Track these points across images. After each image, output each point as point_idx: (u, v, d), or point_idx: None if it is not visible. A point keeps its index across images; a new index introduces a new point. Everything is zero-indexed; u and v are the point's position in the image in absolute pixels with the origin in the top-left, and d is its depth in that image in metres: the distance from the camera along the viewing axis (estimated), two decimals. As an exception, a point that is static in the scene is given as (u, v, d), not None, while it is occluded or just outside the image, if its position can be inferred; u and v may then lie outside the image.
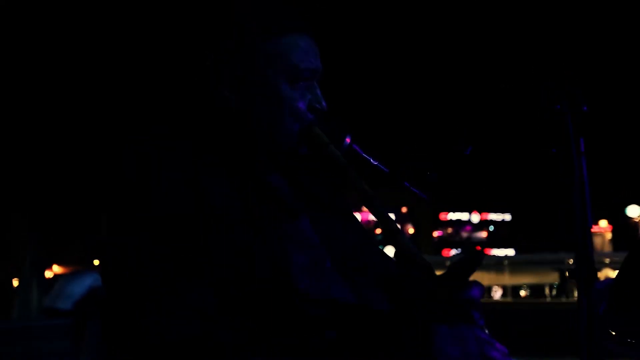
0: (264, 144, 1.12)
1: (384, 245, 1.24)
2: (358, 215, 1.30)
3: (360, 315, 0.99)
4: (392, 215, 1.03)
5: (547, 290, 12.80)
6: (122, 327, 0.92)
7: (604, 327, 1.95)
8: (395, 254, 0.99)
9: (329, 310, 0.97)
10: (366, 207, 1.08)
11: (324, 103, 1.14)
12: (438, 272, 0.97)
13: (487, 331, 0.86)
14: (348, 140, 1.16)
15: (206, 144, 1.09)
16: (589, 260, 0.83)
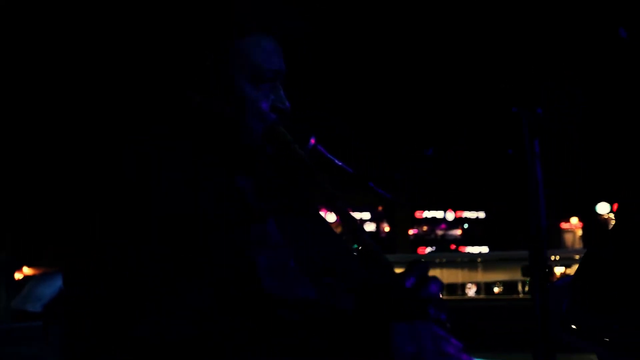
0: (229, 144, 1.13)
1: (349, 245, 1.25)
2: (325, 215, 1.31)
3: (323, 314, 1.00)
4: (367, 214, 1.04)
5: (520, 287, 13.03)
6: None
7: (567, 323, 2.00)
8: (358, 252, 1.00)
9: (293, 310, 0.98)
10: (329, 207, 1.09)
11: (287, 103, 1.15)
12: (398, 270, 0.99)
13: (448, 326, 0.87)
14: (313, 141, 1.17)
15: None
16: (542, 258, 0.85)
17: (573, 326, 1.97)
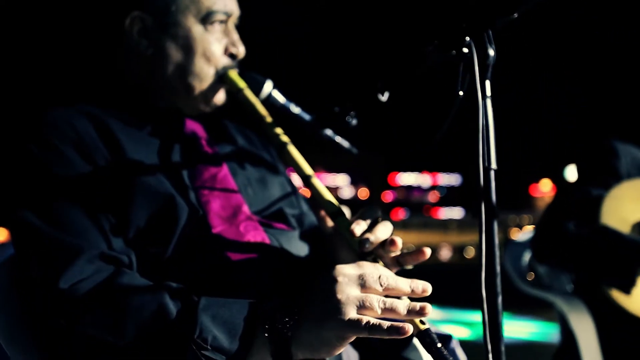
0: (178, 90, 1.09)
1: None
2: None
3: (275, 258, 0.99)
4: (345, 179, 1.02)
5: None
6: (35, 278, 0.90)
7: (526, 275, 2.06)
8: (310, 198, 0.99)
9: (242, 253, 0.97)
10: (280, 154, 1.07)
11: (241, 47, 1.11)
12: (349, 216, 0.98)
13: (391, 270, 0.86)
14: (268, 86, 1.13)
15: (119, 96, 1.07)
16: (491, 200, 0.84)
17: (531, 278, 2.03)
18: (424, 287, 0.80)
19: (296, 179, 1.18)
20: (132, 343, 0.81)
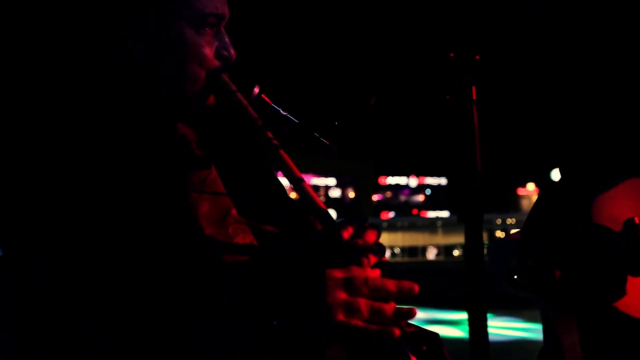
0: (170, 93, 1.10)
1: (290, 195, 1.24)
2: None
3: (263, 260, 1.00)
4: (332, 180, 1.03)
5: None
6: (22, 282, 0.90)
7: (512, 277, 2.08)
8: (298, 202, 1.00)
9: (232, 255, 0.98)
10: (270, 158, 1.08)
11: (232, 50, 1.12)
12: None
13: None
14: (257, 89, 1.14)
15: (110, 99, 1.07)
16: (478, 203, 0.87)
17: (516, 279, 2.05)
18: (411, 285, 0.81)
19: (285, 183, 1.20)
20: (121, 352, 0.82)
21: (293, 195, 1.15)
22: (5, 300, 1.01)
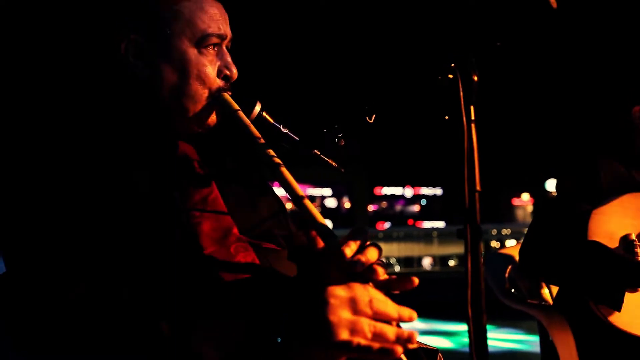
0: (172, 112, 1.11)
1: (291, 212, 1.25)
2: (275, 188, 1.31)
3: (263, 279, 1.01)
4: (328, 191, 1.03)
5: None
6: (27, 296, 0.90)
7: (508, 288, 2.10)
8: (300, 219, 1.01)
9: (234, 273, 0.99)
10: (272, 175, 1.09)
11: (234, 70, 1.14)
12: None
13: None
14: (258, 107, 1.16)
15: (111, 117, 1.08)
16: (475, 222, 0.88)
17: (513, 291, 2.07)
18: (410, 315, 0.83)
19: (285, 200, 1.21)
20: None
21: (293, 211, 1.16)
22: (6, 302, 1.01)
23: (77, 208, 0.95)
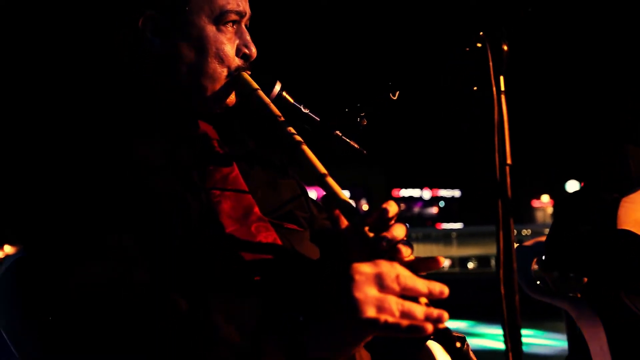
0: (191, 91, 1.09)
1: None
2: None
3: (285, 259, 0.98)
4: (346, 193, 1.00)
5: (492, 262, 13.28)
6: (44, 278, 0.89)
7: (534, 281, 2.05)
8: (323, 197, 0.98)
9: (255, 253, 0.96)
10: (293, 154, 1.06)
11: (253, 48, 1.11)
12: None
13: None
14: (278, 87, 1.13)
15: (130, 96, 1.06)
16: (506, 197, 0.84)
17: (539, 284, 2.01)
18: (442, 289, 0.79)
19: (307, 181, 1.18)
20: (138, 340, 0.80)
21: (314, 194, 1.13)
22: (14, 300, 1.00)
23: (94, 188, 0.94)
